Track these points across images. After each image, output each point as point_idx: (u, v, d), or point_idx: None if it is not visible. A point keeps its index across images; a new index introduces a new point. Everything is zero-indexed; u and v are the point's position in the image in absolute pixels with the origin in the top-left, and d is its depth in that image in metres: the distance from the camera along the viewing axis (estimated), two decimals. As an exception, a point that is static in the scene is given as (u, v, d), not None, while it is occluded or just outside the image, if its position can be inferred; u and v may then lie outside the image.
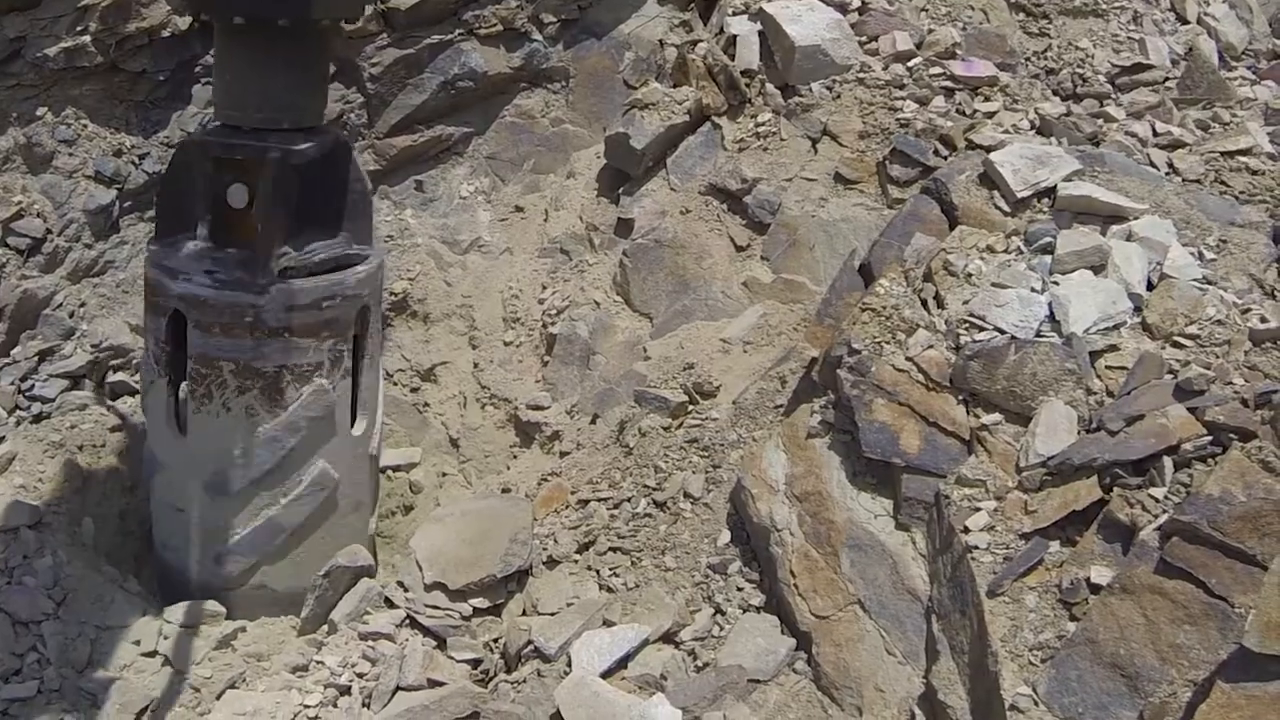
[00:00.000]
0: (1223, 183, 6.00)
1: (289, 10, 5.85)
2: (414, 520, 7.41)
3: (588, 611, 5.55)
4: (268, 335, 6.02)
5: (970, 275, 5.42)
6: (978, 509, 4.75)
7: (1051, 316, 5.05)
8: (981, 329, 5.12)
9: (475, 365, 7.81)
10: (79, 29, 7.19)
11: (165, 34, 7.52)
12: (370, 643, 5.68)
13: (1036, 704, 4.18)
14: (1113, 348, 4.90)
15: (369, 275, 6.36)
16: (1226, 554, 4.00)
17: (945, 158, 6.49)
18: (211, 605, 6.11)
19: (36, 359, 7.14)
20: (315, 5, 5.96)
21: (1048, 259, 5.34)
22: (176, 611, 6.00)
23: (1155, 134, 6.47)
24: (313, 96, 6.36)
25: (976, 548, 4.62)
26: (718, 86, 7.43)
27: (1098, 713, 4.08)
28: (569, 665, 5.28)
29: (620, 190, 7.81)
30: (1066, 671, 4.18)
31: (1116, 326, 5.01)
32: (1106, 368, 4.88)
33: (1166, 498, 4.32)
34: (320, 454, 6.26)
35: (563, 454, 6.87)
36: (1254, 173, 6.01)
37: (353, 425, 6.48)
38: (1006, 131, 6.39)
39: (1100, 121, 6.64)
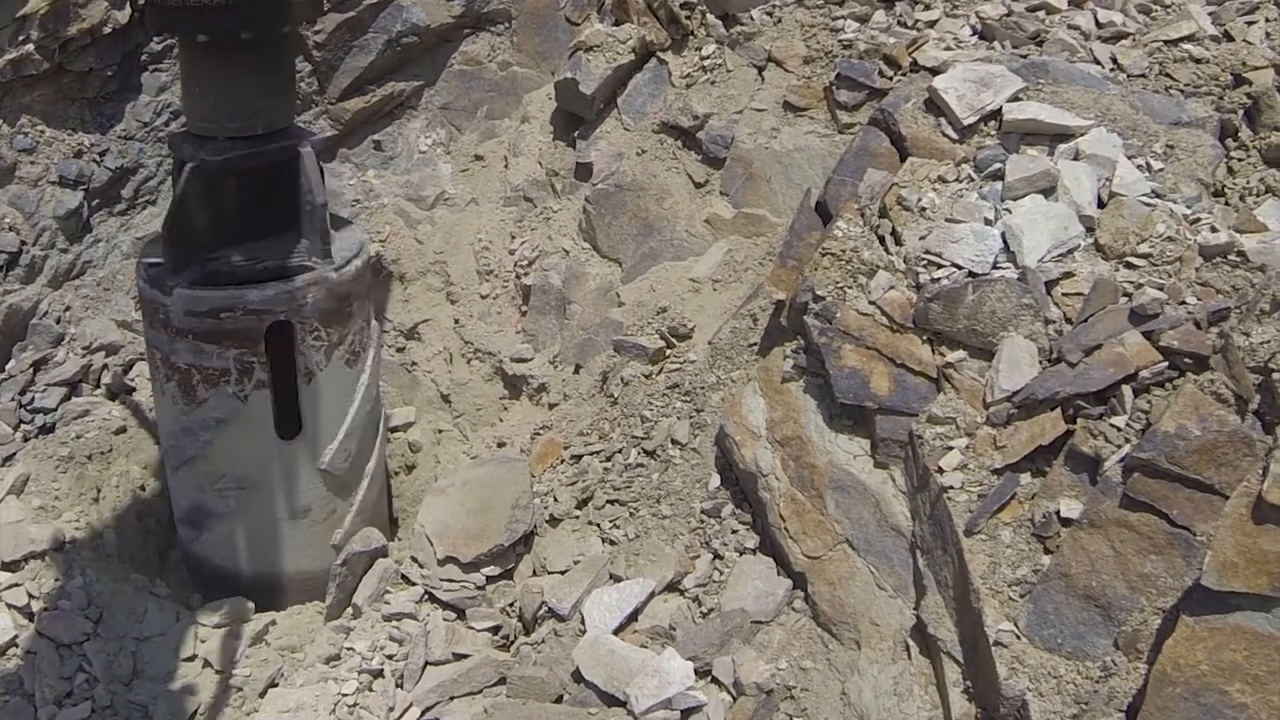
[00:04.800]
0: (1167, 75, 6.02)
1: (252, 26, 5.88)
2: (417, 479, 7.67)
3: (594, 568, 5.82)
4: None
5: (924, 209, 5.52)
6: (950, 447, 4.93)
7: (1006, 247, 5.18)
8: (939, 265, 5.23)
9: (456, 321, 7.95)
10: (20, 39, 7.19)
11: (106, 30, 7.50)
12: (395, 623, 5.95)
13: (1019, 638, 4.43)
14: (1068, 274, 5.01)
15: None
16: (1186, 485, 4.21)
17: (890, 78, 6.51)
18: (240, 602, 6.40)
19: (31, 370, 7.30)
20: (276, 17, 6.00)
21: (999, 185, 5.43)
22: (209, 614, 6.29)
23: (1098, 25, 6.47)
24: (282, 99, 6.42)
25: (951, 487, 4.81)
26: (659, 21, 7.41)
27: (1076, 642, 4.34)
28: (583, 623, 5.57)
29: (575, 133, 7.85)
30: (1044, 605, 4.43)
31: (1070, 251, 5.12)
32: (1063, 295, 5.00)
33: (1128, 425, 4.50)
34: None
35: (551, 405, 7.08)
36: (1198, 61, 6.02)
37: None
38: (949, 48, 6.39)
39: (1042, 15, 6.64)
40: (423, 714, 5.52)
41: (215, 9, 5.78)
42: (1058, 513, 4.55)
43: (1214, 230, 4.97)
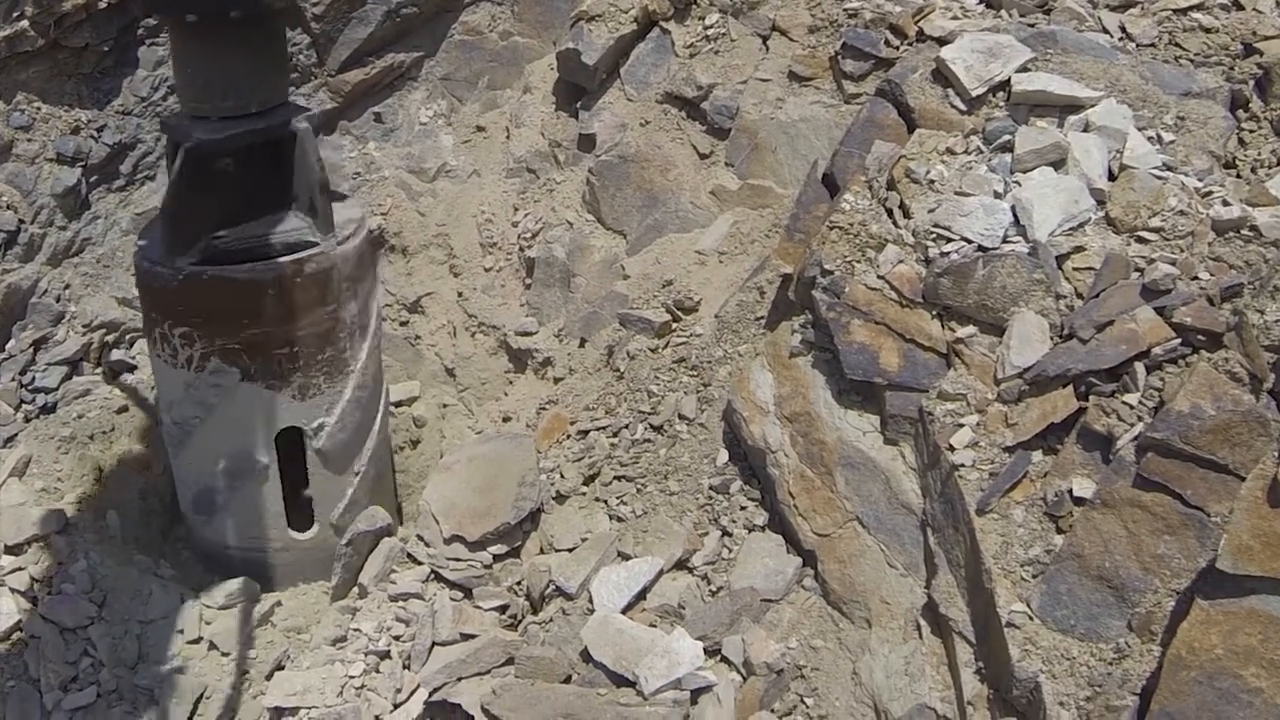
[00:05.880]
0: (1177, 45, 5.94)
1: (240, 3, 5.78)
2: (422, 454, 7.63)
3: (602, 545, 5.79)
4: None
5: (933, 182, 5.45)
6: (961, 424, 4.89)
7: (1016, 221, 5.12)
8: (949, 239, 5.17)
9: (459, 294, 7.90)
10: (15, 15, 7.10)
11: (102, 5, 7.41)
12: (401, 603, 5.91)
13: (1031, 619, 4.41)
14: (1079, 249, 4.95)
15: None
16: (1200, 465, 4.17)
17: (897, 48, 6.43)
18: (245, 582, 6.38)
19: (32, 350, 7.26)
20: None
21: (1008, 157, 5.35)
22: (214, 594, 6.26)
23: (1107, -8, 6.39)
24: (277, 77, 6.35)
25: (963, 465, 4.77)
26: (662, -10, 7.34)
27: (1089, 623, 4.32)
28: (591, 602, 5.55)
29: (578, 104, 7.77)
30: (1057, 586, 4.40)
31: (1081, 225, 5.05)
32: (1074, 269, 4.95)
33: (1140, 403, 4.46)
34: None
35: (557, 380, 7.03)
36: (1207, 30, 5.93)
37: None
38: (955, 17, 6.30)
39: (1049, -19, 6.55)
40: (430, 695, 5.49)
41: None
42: (1070, 492, 4.51)
43: (1226, 204, 4.91)
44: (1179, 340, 4.49)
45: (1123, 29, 6.08)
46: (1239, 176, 5.32)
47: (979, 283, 4.99)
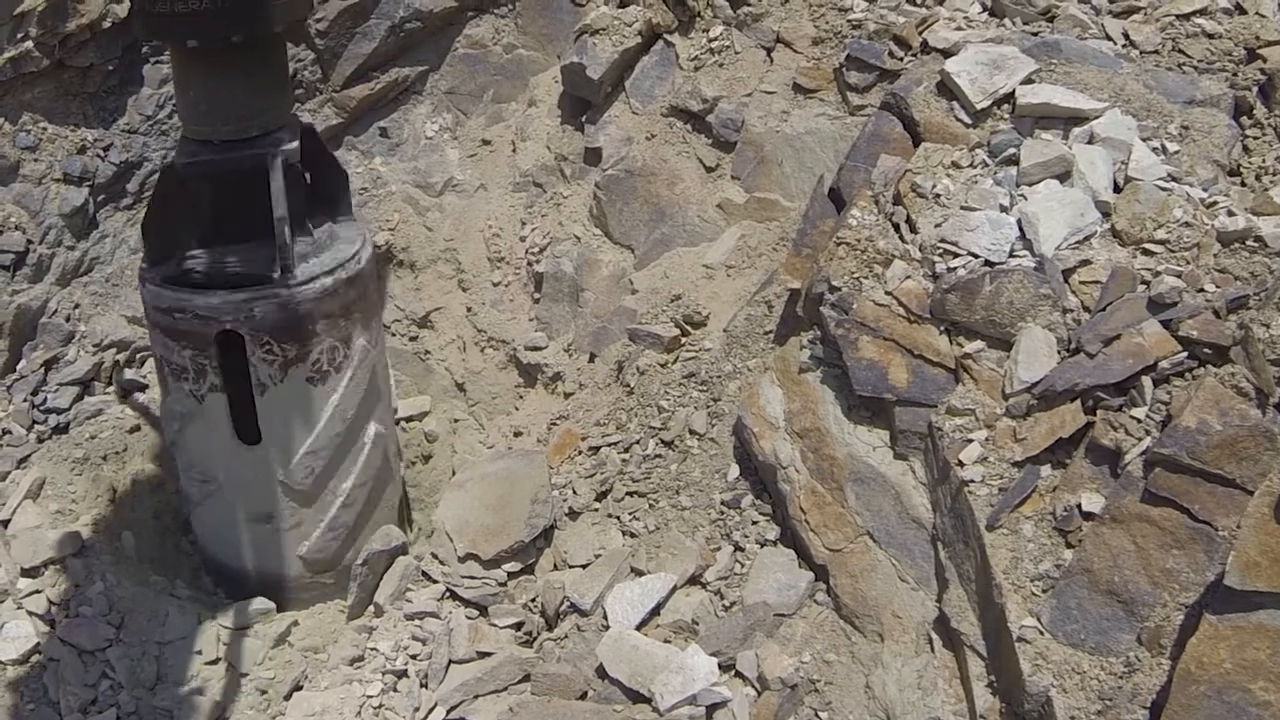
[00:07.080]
0: (1181, 51, 5.95)
1: (242, 28, 5.82)
2: (434, 469, 7.67)
3: (615, 562, 5.82)
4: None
5: (939, 196, 5.46)
6: (970, 440, 4.91)
7: (1022, 234, 5.14)
8: (956, 254, 5.19)
9: (468, 309, 7.92)
10: (19, 36, 7.15)
11: (106, 25, 7.45)
12: (417, 622, 5.95)
13: (1042, 633, 4.43)
14: (1085, 262, 4.97)
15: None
16: (1207, 479, 4.20)
17: (901, 59, 6.44)
18: (261, 602, 6.41)
19: (43, 370, 7.30)
20: (266, 18, 5.93)
21: (1013, 170, 5.38)
22: (230, 615, 6.30)
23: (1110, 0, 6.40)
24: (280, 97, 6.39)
25: (972, 481, 4.79)
26: (665, 3, 7.32)
27: (1099, 638, 4.34)
28: (605, 618, 5.58)
29: (583, 117, 7.78)
30: (1067, 600, 4.43)
31: (1087, 238, 5.07)
32: (1080, 283, 4.96)
33: (1148, 417, 4.48)
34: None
35: (567, 395, 7.05)
36: (1210, 36, 5.95)
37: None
38: (959, 27, 6.31)
39: (1052, -12, 6.55)
40: (448, 714, 5.53)
41: (203, 14, 5.75)
42: (1079, 506, 4.54)
43: (1231, 214, 4.92)
44: (1185, 354, 4.51)
45: (1126, 36, 6.08)
46: (1243, 184, 5.33)
47: (986, 298, 5.01)
